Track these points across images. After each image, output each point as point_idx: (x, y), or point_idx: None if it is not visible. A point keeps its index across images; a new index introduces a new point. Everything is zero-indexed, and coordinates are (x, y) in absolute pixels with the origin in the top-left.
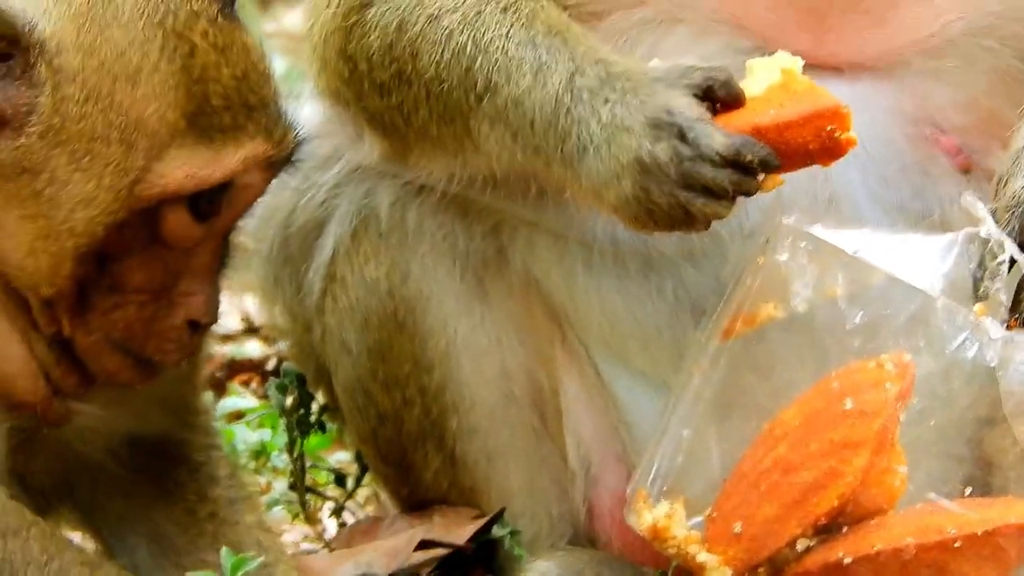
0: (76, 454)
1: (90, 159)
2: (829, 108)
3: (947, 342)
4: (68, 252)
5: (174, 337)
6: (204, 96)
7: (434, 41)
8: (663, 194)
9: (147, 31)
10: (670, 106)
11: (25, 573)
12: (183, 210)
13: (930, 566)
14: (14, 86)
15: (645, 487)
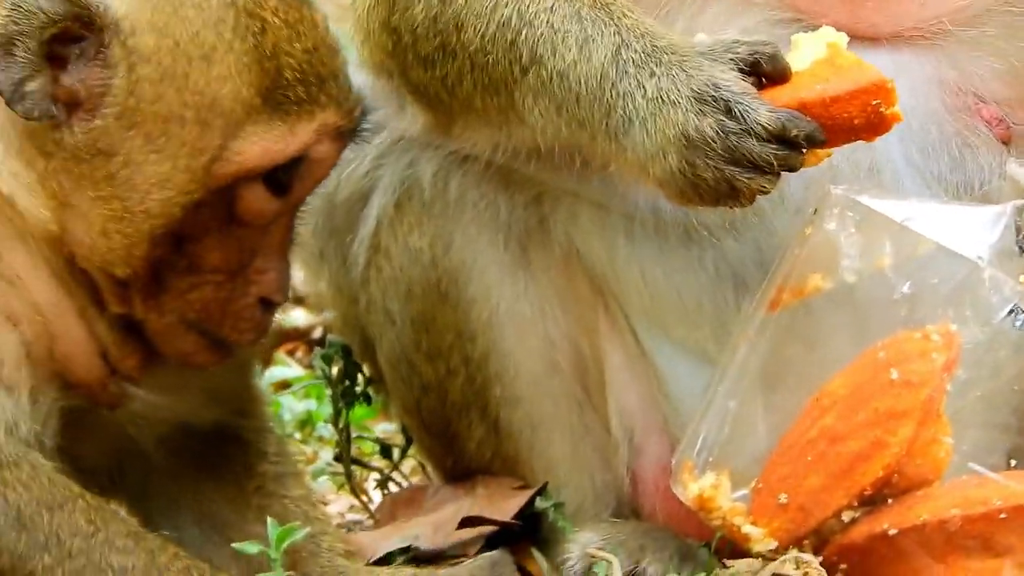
0: (128, 439)
1: (166, 140)
2: (875, 83)
3: (994, 313)
4: (144, 234)
5: (248, 316)
6: (277, 71)
7: (479, 13)
8: (708, 168)
9: (219, 10)
10: (716, 80)
11: (71, 544)
12: (259, 187)
13: (975, 537)
14: (88, 67)
15: (691, 458)
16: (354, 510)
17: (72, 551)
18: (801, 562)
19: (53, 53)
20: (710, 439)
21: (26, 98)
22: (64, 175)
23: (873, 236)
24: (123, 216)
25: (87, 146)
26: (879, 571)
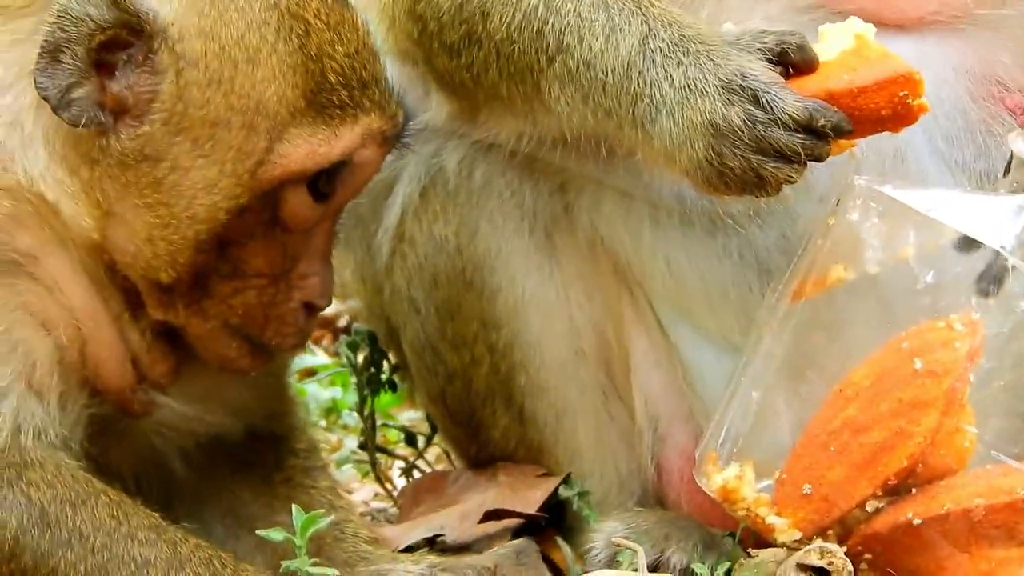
0: (154, 451)
1: (212, 144)
2: (902, 74)
3: (1017, 302)
4: (189, 240)
5: (291, 320)
6: (321, 74)
7: (505, 2)
8: (736, 157)
9: (264, 13)
10: (744, 70)
11: (95, 540)
12: (303, 191)
13: (999, 527)
14: (136, 73)
15: (715, 449)
16: (379, 498)
17: (95, 546)
18: (826, 552)
19: (101, 60)
20: (734, 430)
21: (73, 105)
22: (109, 182)
23: (896, 226)
24: (169, 222)
25: (134, 152)
26: (903, 561)
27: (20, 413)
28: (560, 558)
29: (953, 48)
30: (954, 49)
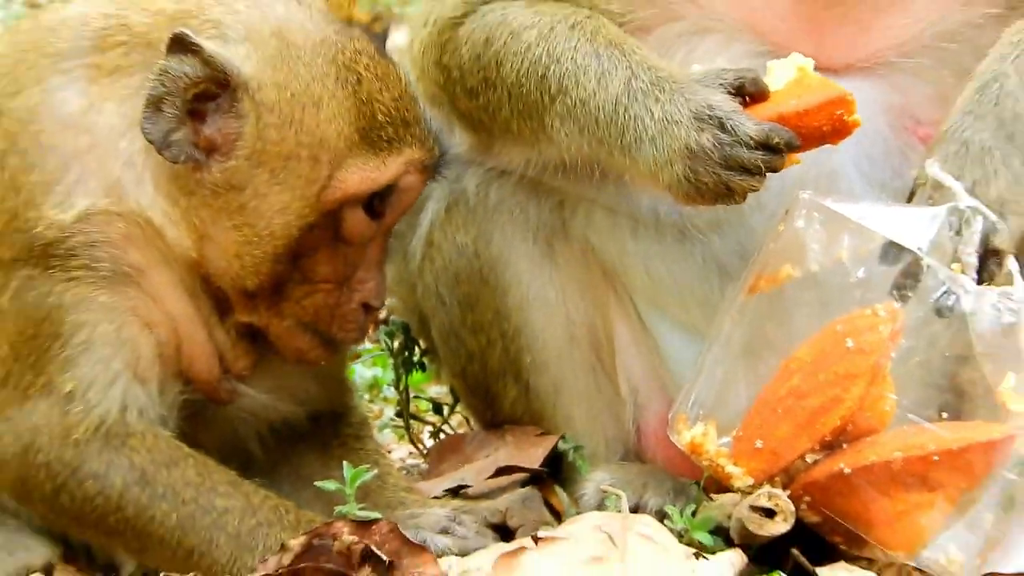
0: (235, 433)
1: (286, 174)
2: (839, 96)
3: (930, 294)
4: (268, 254)
5: (352, 318)
6: (372, 114)
7: (515, 53)
8: (709, 174)
9: (324, 66)
10: (710, 102)
11: (184, 493)
12: (359, 211)
13: (914, 475)
14: (223, 119)
15: (685, 412)
16: (412, 456)
17: (184, 499)
18: (773, 496)
19: (194, 109)
20: (701, 397)
21: (172, 146)
22: (204, 209)
23: (833, 232)
24: (252, 239)
25: (223, 183)
26: (836, 503)
27: (127, 395)
28: (558, 502)
29: (876, 88)
30: (877, 89)
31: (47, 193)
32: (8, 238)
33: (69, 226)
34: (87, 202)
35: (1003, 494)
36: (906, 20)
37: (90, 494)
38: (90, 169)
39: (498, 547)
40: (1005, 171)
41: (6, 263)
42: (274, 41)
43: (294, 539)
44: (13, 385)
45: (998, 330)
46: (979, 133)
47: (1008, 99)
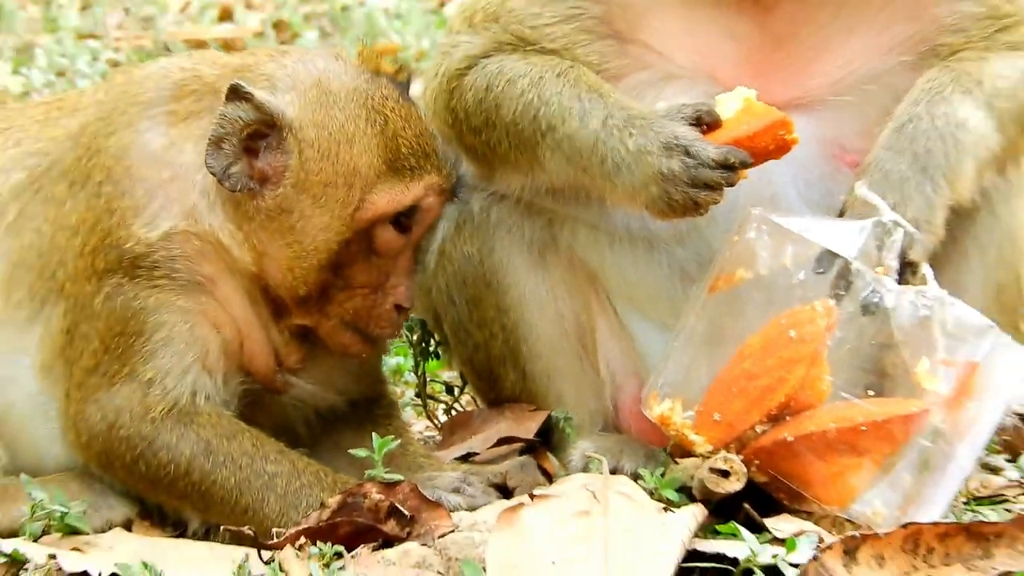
0: (286, 418)
1: (325, 199)
2: (780, 120)
3: (859, 293)
4: (314, 265)
5: (387, 317)
6: (396, 148)
7: (511, 97)
8: (679, 192)
9: (356, 109)
10: (676, 133)
11: (241, 460)
12: (389, 228)
13: (845, 443)
14: (272, 154)
15: (656, 390)
16: (429, 429)
17: (241, 465)
18: (728, 460)
19: (248, 146)
20: (669, 378)
21: (231, 177)
22: (262, 232)
23: (779, 242)
24: (300, 254)
25: (275, 208)
26: (780, 466)
27: (196, 383)
28: (550, 466)
29: (810, 122)
30: (811, 123)
31: (137, 216)
32: (102, 252)
33: (155, 243)
34: (169, 224)
35: (919, 458)
36: (835, 66)
37: (163, 462)
38: (172, 197)
39: (500, 504)
40: (919, 196)
41: (100, 272)
42: (314, 90)
43: (332, 498)
44: (102, 373)
45: (915, 322)
46: (898, 165)
47: (921, 137)
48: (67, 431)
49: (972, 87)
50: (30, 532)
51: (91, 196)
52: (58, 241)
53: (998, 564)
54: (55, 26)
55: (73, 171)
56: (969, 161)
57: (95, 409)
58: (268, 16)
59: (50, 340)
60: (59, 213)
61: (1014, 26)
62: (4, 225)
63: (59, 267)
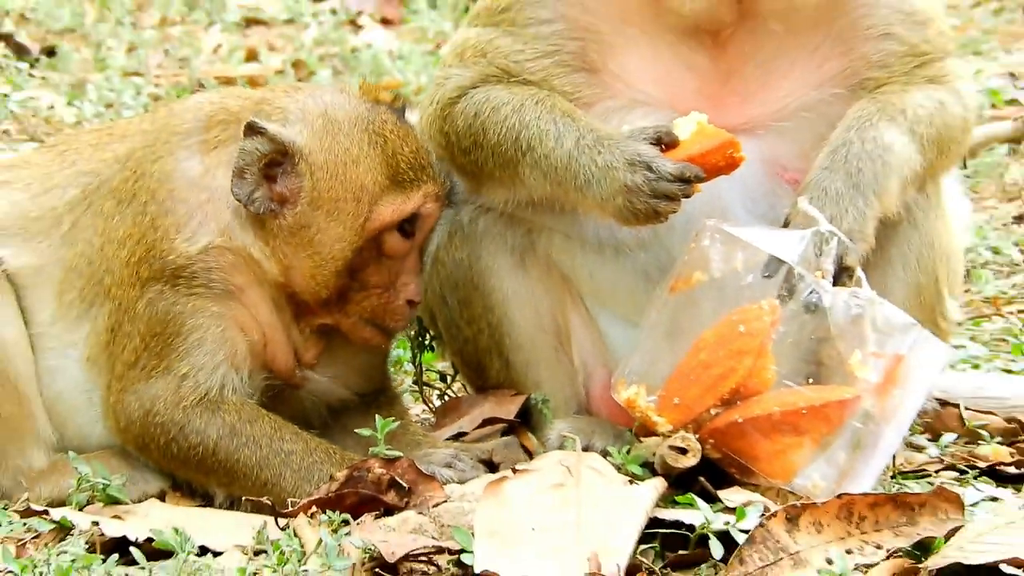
0: (304, 410)
1: (337, 212)
2: (729, 140)
3: (800, 293)
4: (332, 272)
5: (400, 312)
6: (396, 164)
7: (496, 122)
8: (642, 203)
9: (358, 133)
10: (638, 151)
11: (261, 440)
12: (395, 234)
13: (787, 424)
14: (288, 178)
15: (624, 377)
16: (425, 412)
17: (262, 444)
18: (685, 439)
19: (267, 173)
20: (635, 367)
21: (255, 202)
22: (285, 246)
23: (730, 248)
24: (320, 263)
25: (295, 224)
26: (732, 444)
27: (225, 378)
28: (530, 444)
29: (755, 144)
30: (756, 145)
31: (178, 232)
32: (147, 262)
33: (194, 256)
34: (207, 239)
35: (852, 438)
36: (777, 97)
37: (193, 444)
38: (209, 216)
39: (487, 477)
40: (853, 209)
41: (143, 280)
42: (321, 119)
43: (339, 472)
44: (141, 367)
45: (849, 320)
46: (834, 183)
47: (854, 159)
48: (107, 417)
49: (896, 115)
50: (76, 502)
51: (136, 214)
52: (106, 251)
53: (921, 530)
54: (104, 65)
55: (120, 190)
56: (895, 179)
57: (134, 398)
58: (288, 57)
59: (95, 337)
60: (107, 226)
61: (930, 62)
62: (60, 235)
63: (106, 274)
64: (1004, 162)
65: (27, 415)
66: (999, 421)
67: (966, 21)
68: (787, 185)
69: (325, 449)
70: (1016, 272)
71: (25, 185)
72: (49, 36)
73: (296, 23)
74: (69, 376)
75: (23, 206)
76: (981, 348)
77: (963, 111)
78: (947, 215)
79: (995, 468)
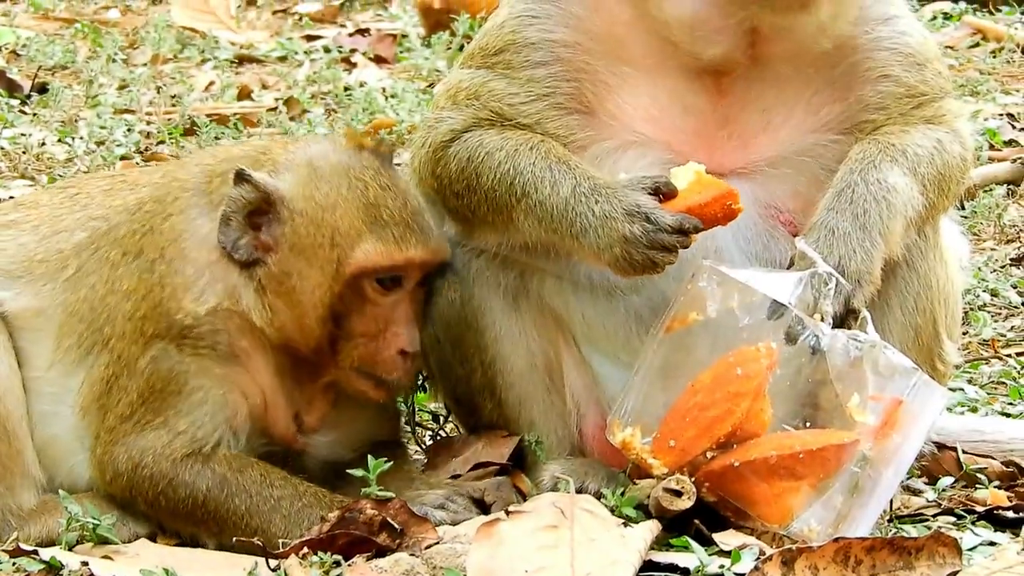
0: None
1: (315, 258)
2: (728, 191)
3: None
4: (316, 319)
5: (392, 362)
6: (377, 212)
7: (490, 167)
8: (639, 254)
9: (338, 179)
10: (637, 201)
11: (251, 489)
12: (375, 283)
13: (784, 468)
14: (272, 225)
15: (619, 418)
16: (417, 453)
17: (251, 493)
18: (680, 481)
19: (252, 222)
20: (630, 407)
21: (239, 249)
22: (275, 299)
23: (727, 289)
24: (305, 311)
25: (279, 272)
26: (728, 488)
27: (221, 438)
28: (523, 486)
29: (751, 187)
30: (751, 187)
31: (187, 291)
32: (152, 319)
33: (202, 317)
34: (215, 301)
35: (850, 482)
36: (774, 142)
37: (181, 496)
38: (217, 276)
39: (480, 519)
40: (861, 250)
41: (148, 336)
42: (305, 168)
43: (331, 513)
44: (135, 421)
45: (848, 362)
46: (842, 224)
47: (860, 200)
48: (93, 468)
49: (898, 156)
50: (65, 541)
51: (143, 270)
52: (108, 301)
53: (918, 575)
54: (96, 102)
55: (127, 242)
56: (900, 220)
57: (123, 451)
58: (281, 94)
59: (89, 386)
60: (112, 276)
61: (928, 103)
62: (64, 278)
63: (107, 323)
64: (1002, 203)
65: (15, 453)
66: (997, 465)
67: (964, 61)
68: (782, 227)
69: (314, 493)
70: (1014, 315)
71: (33, 227)
72: (41, 73)
73: (289, 61)
74: (63, 420)
75: (29, 248)
76: (979, 391)
77: (962, 150)
78: (946, 256)
79: (993, 512)
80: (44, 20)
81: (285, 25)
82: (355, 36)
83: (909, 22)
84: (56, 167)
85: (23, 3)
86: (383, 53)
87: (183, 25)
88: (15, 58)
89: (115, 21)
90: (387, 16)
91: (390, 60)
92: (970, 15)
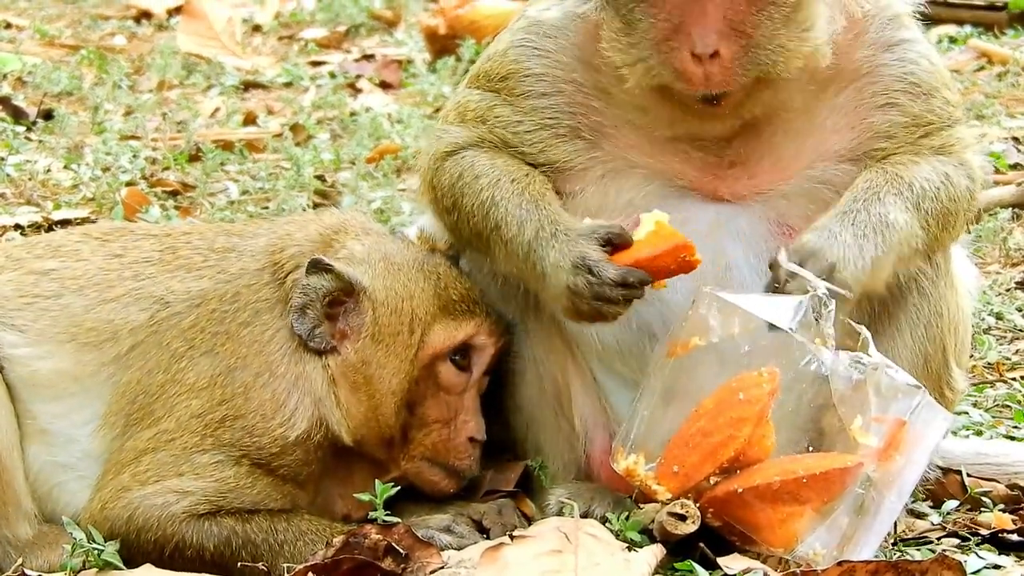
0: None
1: (394, 345)
2: (683, 243)
3: (799, 361)
4: (392, 407)
5: (463, 449)
6: (448, 297)
7: (473, 191)
8: (585, 304)
9: (414, 272)
10: (584, 253)
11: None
12: (449, 364)
13: (789, 493)
14: (350, 315)
15: (622, 445)
16: None
17: (257, 542)
18: (685, 506)
19: (329, 312)
20: (633, 433)
21: (316, 338)
22: (349, 392)
23: (728, 315)
24: (383, 399)
25: (357, 361)
26: (732, 513)
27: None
28: (528, 510)
29: (759, 207)
30: (760, 208)
31: (277, 411)
32: (231, 430)
33: (289, 446)
34: (305, 427)
35: (854, 504)
36: (780, 169)
37: (188, 556)
38: (305, 392)
39: (485, 543)
40: (860, 260)
41: (223, 443)
42: (383, 262)
43: (336, 538)
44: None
45: (850, 385)
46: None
47: (861, 224)
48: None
49: (904, 190)
50: (70, 567)
51: (218, 373)
52: (168, 390)
53: None
54: (101, 128)
55: (194, 338)
56: (892, 255)
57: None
58: (287, 120)
59: (119, 455)
60: (174, 367)
61: (936, 132)
62: (115, 353)
63: (161, 408)
64: (1007, 227)
65: (5, 484)
66: (1001, 488)
67: (969, 85)
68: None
69: (317, 528)
70: (1019, 338)
71: (79, 288)
72: (46, 99)
73: (295, 86)
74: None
75: (73, 311)
76: (984, 414)
77: (969, 183)
78: (956, 284)
79: (997, 535)
80: (50, 47)
81: (291, 51)
82: (361, 62)
83: (920, 48)
84: (62, 194)
85: (29, 29)
86: (389, 79)
87: (189, 51)
88: (21, 85)
89: (121, 48)
90: (392, 42)
91: (396, 86)
92: (976, 38)
